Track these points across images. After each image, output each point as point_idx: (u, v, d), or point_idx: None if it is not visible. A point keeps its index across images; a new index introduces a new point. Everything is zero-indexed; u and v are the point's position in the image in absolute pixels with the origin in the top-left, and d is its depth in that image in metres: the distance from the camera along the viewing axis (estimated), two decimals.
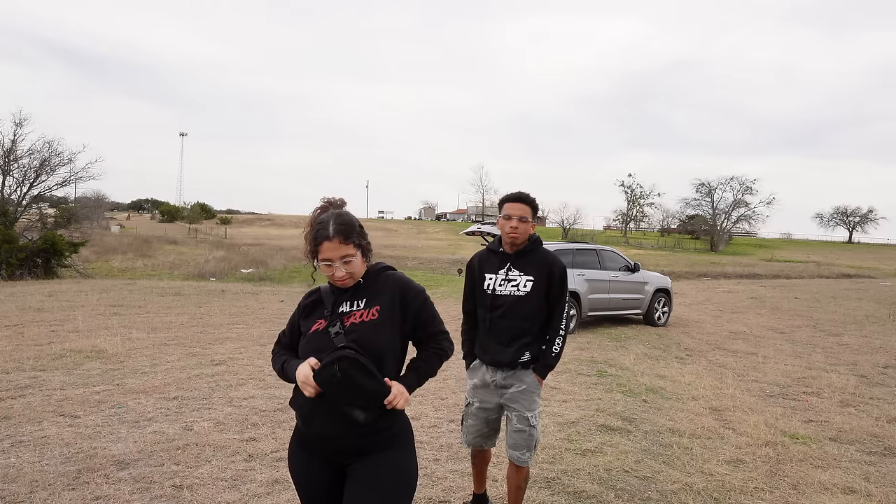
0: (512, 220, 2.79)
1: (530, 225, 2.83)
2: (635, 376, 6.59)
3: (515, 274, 2.83)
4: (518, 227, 2.79)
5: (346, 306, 1.88)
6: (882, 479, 3.84)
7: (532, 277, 2.81)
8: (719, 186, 67.15)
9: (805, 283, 25.72)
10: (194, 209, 77.37)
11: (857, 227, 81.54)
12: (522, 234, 2.81)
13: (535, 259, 2.85)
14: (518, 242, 2.84)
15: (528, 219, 2.80)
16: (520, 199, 2.82)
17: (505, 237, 2.85)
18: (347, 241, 1.80)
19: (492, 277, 2.87)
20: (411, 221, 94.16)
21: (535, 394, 2.85)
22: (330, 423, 1.80)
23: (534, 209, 2.83)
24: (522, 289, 2.80)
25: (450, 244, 47.39)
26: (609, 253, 10.95)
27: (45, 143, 22.62)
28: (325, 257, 1.81)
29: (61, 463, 3.59)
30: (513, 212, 2.80)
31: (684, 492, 3.52)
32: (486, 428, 2.96)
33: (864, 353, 8.54)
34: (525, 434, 2.82)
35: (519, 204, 2.81)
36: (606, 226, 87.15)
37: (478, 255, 3.02)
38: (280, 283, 20.71)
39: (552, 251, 2.93)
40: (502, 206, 2.86)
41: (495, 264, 2.89)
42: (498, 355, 2.82)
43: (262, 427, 4.38)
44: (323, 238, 1.79)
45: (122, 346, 6.98)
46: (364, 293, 1.90)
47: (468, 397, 3.00)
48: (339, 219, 1.82)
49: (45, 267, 19.17)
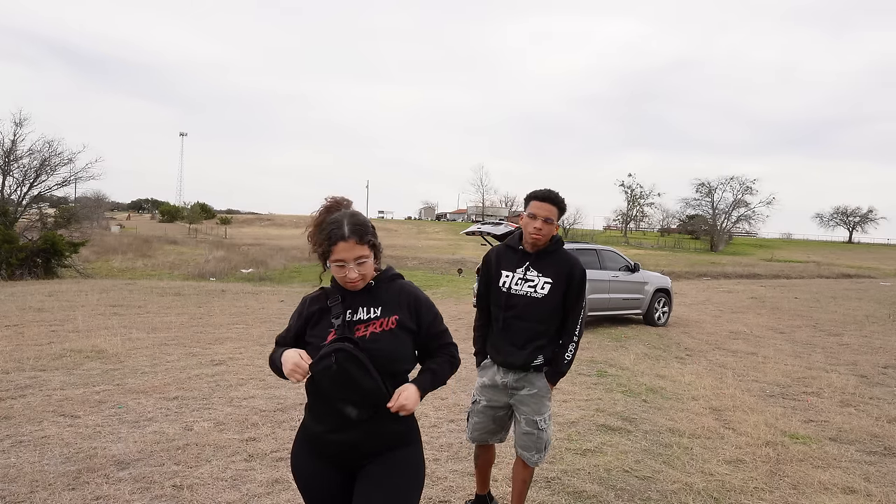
0: (537, 220, 2.67)
1: (554, 227, 2.71)
2: (635, 376, 6.59)
3: (534, 274, 2.73)
4: (542, 228, 2.67)
5: (362, 313, 1.82)
6: (882, 479, 3.84)
7: (550, 279, 2.71)
8: (719, 186, 67.29)
9: (805, 283, 25.72)
10: (194, 209, 77.36)
11: (857, 227, 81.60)
12: (546, 237, 2.70)
13: (555, 260, 2.75)
14: (540, 244, 2.73)
15: (554, 220, 2.68)
16: (548, 198, 2.68)
17: (527, 236, 2.73)
18: (362, 241, 1.76)
19: (508, 275, 2.77)
20: (411, 221, 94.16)
21: (546, 398, 2.80)
22: (324, 418, 1.79)
23: (561, 210, 2.70)
24: (540, 290, 2.71)
25: (450, 244, 47.37)
26: (609, 253, 10.95)
27: (45, 143, 22.73)
28: (339, 258, 1.75)
29: (61, 463, 3.58)
30: (539, 212, 2.67)
31: (684, 492, 3.52)
32: (492, 425, 2.91)
33: (864, 353, 8.54)
34: (533, 437, 2.78)
35: (547, 204, 2.67)
36: (606, 226, 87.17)
37: (496, 249, 2.90)
38: (280, 283, 20.71)
39: (574, 255, 2.81)
40: (528, 203, 2.72)
41: (514, 261, 2.78)
42: (511, 357, 2.75)
43: (262, 427, 4.38)
44: (338, 238, 1.74)
45: (122, 346, 6.98)
46: (378, 300, 1.85)
47: (476, 395, 2.93)
48: (354, 219, 1.78)
49: (45, 267, 19.18)
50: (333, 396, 1.73)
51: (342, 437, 1.79)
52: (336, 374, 1.69)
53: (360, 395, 1.72)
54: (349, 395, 1.72)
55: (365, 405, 1.73)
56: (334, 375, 1.69)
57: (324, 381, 1.72)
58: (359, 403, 1.72)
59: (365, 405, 1.73)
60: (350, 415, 1.73)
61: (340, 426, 1.78)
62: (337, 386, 1.71)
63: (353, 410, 1.72)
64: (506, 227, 10.02)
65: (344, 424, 1.77)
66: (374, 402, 1.73)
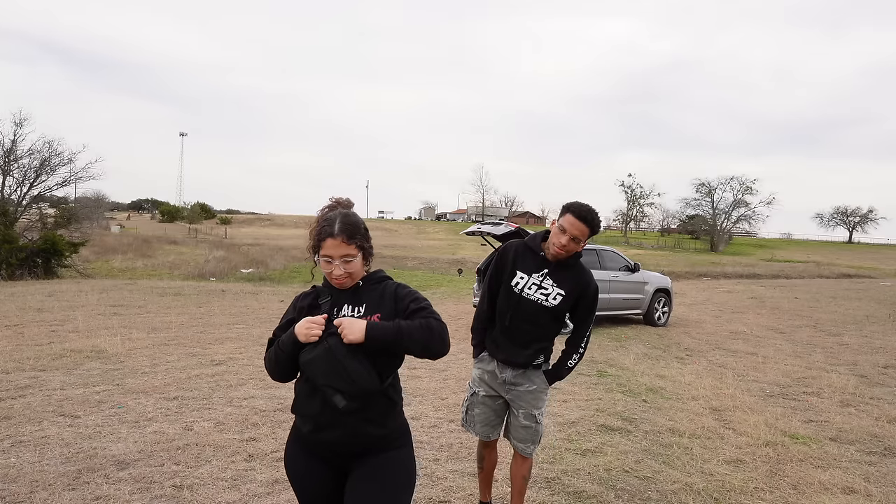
0: (566, 235, 2.64)
1: (581, 246, 2.70)
2: (635, 376, 6.60)
3: (549, 283, 2.73)
4: (568, 245, 2.66)
5: (347, 310, 1.88)
6: (882, 479, 3.84)
7: (564, 292, 2.72)
8: (719, 186, 67.34)
9: (805, 283, 25.73)
10: (194, 209, 77.37)
11: (857, 227, 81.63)
12: (569, 254, 2.71)
13: (573, 275, 2.75)
14: (561, 258, 2.73)
15: (583, 241, 2.67)
16: (584, 218, 2.62)
17: (552, 247, 2.72)
18: (350, 241, 1.82)
19: (523, 277, 2.76)
20: (411, 221, 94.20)
21: (544, 393, 2.86)
22: (308, 417, 1.82)
23: (593, 232, 2.67)
24: (551, 301, 2.72)
25: (450, 244, 47.39)
26: (609, 253, 10.95)
27: (45, 143, 22.65)
28: (326, 254, 1.82)
29: (61, 463, 3.58)
30: (571, 228, 2.63)
31: (684, 492, 3.52)
32: (494, 416, 2.93)
33: (864, 353, 8.54)
34: (532, 430, 2.85)
35: (581, 224, 2.62)
36: (606, 226, 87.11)
37: (514, 247, 2.85)
38: (280, 283, 20.71)
39: (590, 271, 2.83)
40: (563, 214, 2.68)
41: (531, 266, 2.77)
42: (513, 356, 2.78)
43: (263, 427, 4.38)
44: (327, 234, 1.81)
45: (122, 346, 6.98)
46: (364, 298, 1.89)
47: (473, 386, 2.95)
48: (346, 218, 1.84)
49: (45, 267, 19.18)
50: (321, 383, 1.75)
51: (326, 436, 1.82)
52: (326, 357, 1.72)
53: (347, 381, 1.73)
54: (337, 381, 1.73)
55: (352, 393, 1.74)
56: (325, 357, 1.72)
57: (313, 365, 1.74)
58: (346, 391, 1.74)
59: (352, 393, 1.74)
60: (338, 404, 1.74)
61: (325, 424, 1.80)
62: (326, 370, 1.73)
63: (342, 400, 1.74)
64: (506, 228, 10.01)
65: (328, 421, 1.79)
66: (361, 389, 1.74)
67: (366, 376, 1.74)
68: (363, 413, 1.79)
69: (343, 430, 1.80)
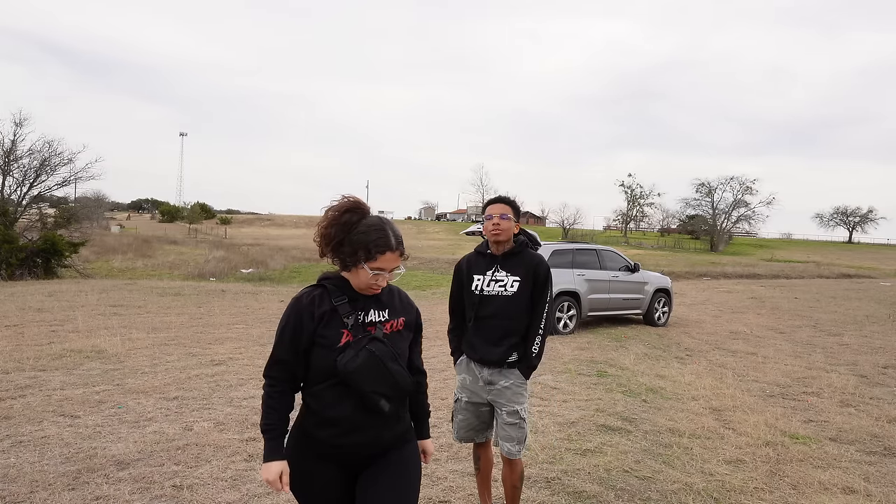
0: (493, 218, 2.86)
1: (513, 224, 2.88)
2: (635, 376, 6.60)
3: (503, 274, 2.89)
4: (500, 223, 2.85)
5: (373, 315, 1.86)
6: (882, 479, 3.84)
7: (518, 277, 2.87)
8: (719, 186, 67.20)
9: (805, 283, 25.72)
10: (194, 209, 77.37)
11: (857, 227, 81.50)
12: (505, 232, 2.87)
13: (521, 260, 2.91)
14: (502, 240, 2.88)
15: (509, 216, 2.87)
16: (499, 199, 2.93)
17: (490, 237, 2.92)
18: (403, 254, 1.84)
19: (479, 278, 2.93)
20: (411, 221, 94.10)
21: (522, 388, 2.90)
22: (338, 420, 1.79)
23: (514, 208, 2.91)
24: (510, 289, 2.86)
25: (450, 244, 47.40)
26: (609, 253, 10.95)
27: (45, 143, 22.69)
28: (381, 267, 1.78)
29: (61, 463, 3.59)
30: (493, 211, 2.88)
31: (684, 492, 3.52)
32: (476, 421, 3.00)
33: (864, 353, 8.54)
34: (516, 427, 2.87)
35: (498, 204, 2.90)
36: (606, 226, 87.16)
37: (466, 258, 3.08)
38: (280, 283, 20.71)
39: (539, 253, 2.99)
40: (484, 210, 2.95)
41: (483, 266, 2.95)
42: (486, 354, 2.88)
43: None
44: (386, 248, 1.78)
45: (122, 346, 6.98)
46: (383, 304, 1.90)
47: (457, 393, 3.05)
48: (397, 231, 1.83)
49: (45, 267, 19.19)
50: (366, 390, 1.76)
51: (353, 439, 1.80)
52: (372, 363, 1.75)
53: (391, 386, 1.78)
54: (383, 387, 1.77)
55: (395, 396, 1.81)
56: (371, 363, 1.75)
57: (360, 374, 1.74)
58: (390, 395, 1.79)
59: (395, 396, 1.81)
60: (384, 408, 1.79)
61: (351, 428, 1.79)
62: (374, 377, 1.76)
63: (387, 404, 1.79)
64: None
65: (357, 425, 1.80)
66: (403, 392, 1.81)
67: (406, 378, 1.81)
68: (394, 412, 1.85)
69: (371, 432, 1.81)
